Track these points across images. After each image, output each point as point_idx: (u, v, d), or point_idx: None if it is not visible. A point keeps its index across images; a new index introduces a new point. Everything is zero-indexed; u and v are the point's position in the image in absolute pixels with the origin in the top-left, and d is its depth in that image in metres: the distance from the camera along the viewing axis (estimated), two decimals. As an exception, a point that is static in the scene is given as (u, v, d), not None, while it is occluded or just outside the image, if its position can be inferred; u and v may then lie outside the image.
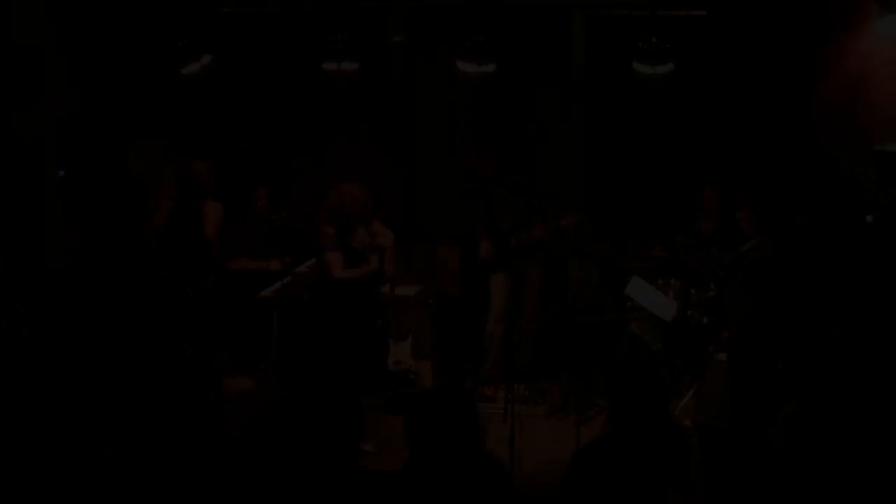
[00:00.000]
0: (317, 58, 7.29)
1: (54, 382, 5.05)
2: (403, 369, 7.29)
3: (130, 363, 5.30)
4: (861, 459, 4.33)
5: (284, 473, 3.45)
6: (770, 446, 4.78)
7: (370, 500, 4.06)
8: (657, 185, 8.03)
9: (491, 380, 7.55)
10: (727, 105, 6.50)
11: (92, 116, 6.59)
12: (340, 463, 4.20)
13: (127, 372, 5.15)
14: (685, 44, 6.80)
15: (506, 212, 7.60)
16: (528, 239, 7.52)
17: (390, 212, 7.43)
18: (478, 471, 3.73)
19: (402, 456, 3.75)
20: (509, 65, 7.87)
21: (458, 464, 3.70)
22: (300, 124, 8.31)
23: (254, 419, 3.61)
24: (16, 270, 6.12)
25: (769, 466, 4.72)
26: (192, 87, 7.16)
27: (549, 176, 7.98)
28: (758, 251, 5.89)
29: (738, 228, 6.15)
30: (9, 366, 5.23)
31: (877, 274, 5.44)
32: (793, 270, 6.13)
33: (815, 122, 6.14)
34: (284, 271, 6.78)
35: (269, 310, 6.96)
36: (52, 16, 6.50)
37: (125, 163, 6.49)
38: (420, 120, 8.50)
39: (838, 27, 6.01)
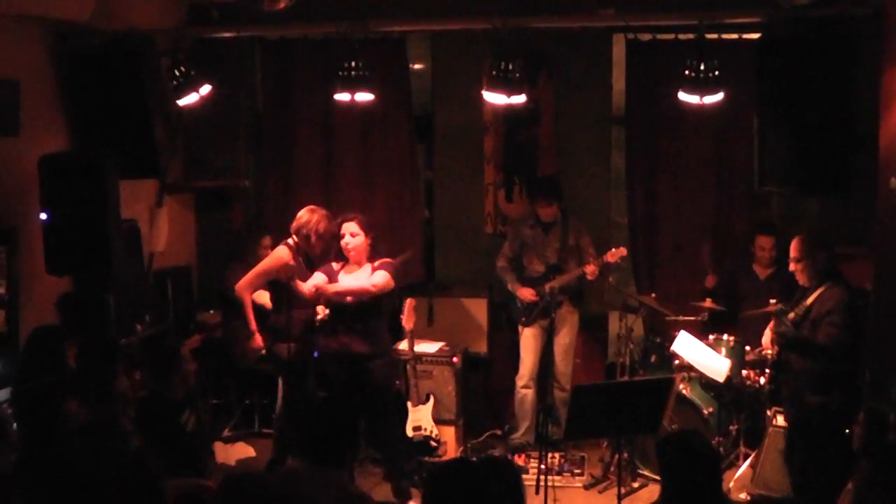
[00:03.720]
0: (328, 88, 6.97)
1: None
2: (424, 436, 7.03)
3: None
4: None
5: None
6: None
7: None
8: (707, 229, 7.63)
9: (522, 448, 7.40)
10: (781, 140, 6.06)
11: (81, 153, 6.25)
12: None
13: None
14: (736, 71, 6.43)
15: (538, 257, 7.46)
16: (564, 285, 7.30)
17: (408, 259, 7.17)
18: None
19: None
20: (541, 95, 7.85)
21: None
22: (307, 161, 7.98)
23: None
24: None
25: None
26: (190, 119, 6.93)
27: (587, 216, 7.70)
28: (827, 303, 5.80)
29: (792, 279, 6.08)
30: None
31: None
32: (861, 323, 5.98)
33: (882, 157, 5.73)
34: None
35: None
36: (36, 48, 6.24)
37: (116, 204, 6.04)
38: (441, 157, 8.28)
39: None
